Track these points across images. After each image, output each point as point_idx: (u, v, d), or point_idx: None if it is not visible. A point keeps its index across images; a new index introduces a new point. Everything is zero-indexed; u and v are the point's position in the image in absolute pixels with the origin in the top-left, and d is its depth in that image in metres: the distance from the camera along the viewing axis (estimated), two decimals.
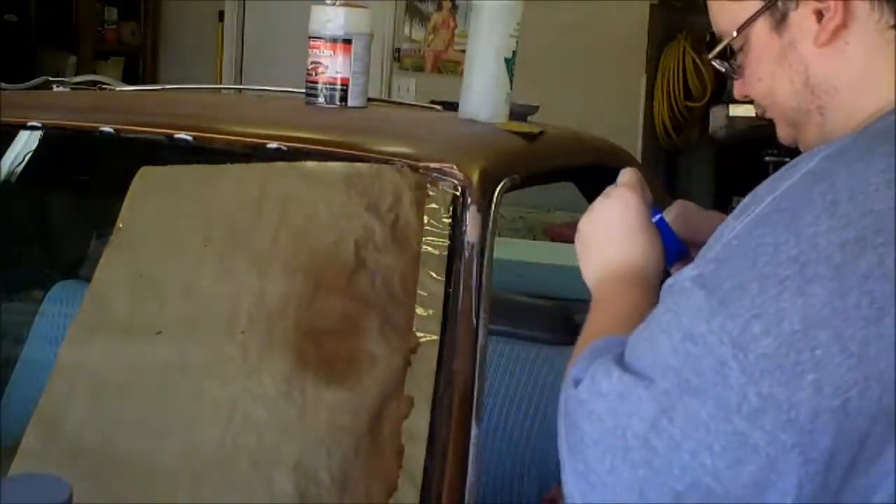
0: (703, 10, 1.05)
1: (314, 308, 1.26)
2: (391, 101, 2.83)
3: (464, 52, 2.24)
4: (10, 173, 1.82)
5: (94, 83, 2.18)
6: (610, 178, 1.13)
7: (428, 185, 1.37)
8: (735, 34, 0.97)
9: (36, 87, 2.20)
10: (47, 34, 5.28)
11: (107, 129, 1.56)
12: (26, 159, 1.80)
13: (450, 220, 1.34)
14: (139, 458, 1.18)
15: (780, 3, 0.94)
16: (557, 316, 2.05)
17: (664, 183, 4.74)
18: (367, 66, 1.79)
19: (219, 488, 1.14)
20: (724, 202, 4.16)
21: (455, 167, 1.37)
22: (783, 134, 1.02)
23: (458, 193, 1.36)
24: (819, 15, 0.92)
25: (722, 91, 4.38)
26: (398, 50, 5.10)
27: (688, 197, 1.28)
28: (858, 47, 0.92)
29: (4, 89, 2.08)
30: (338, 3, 1.76)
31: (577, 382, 0.87)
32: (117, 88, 2.27)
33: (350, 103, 1.77)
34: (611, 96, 4.50)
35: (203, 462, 1.16)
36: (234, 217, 1.37)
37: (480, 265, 1.32)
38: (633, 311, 0.95)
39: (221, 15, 5.59)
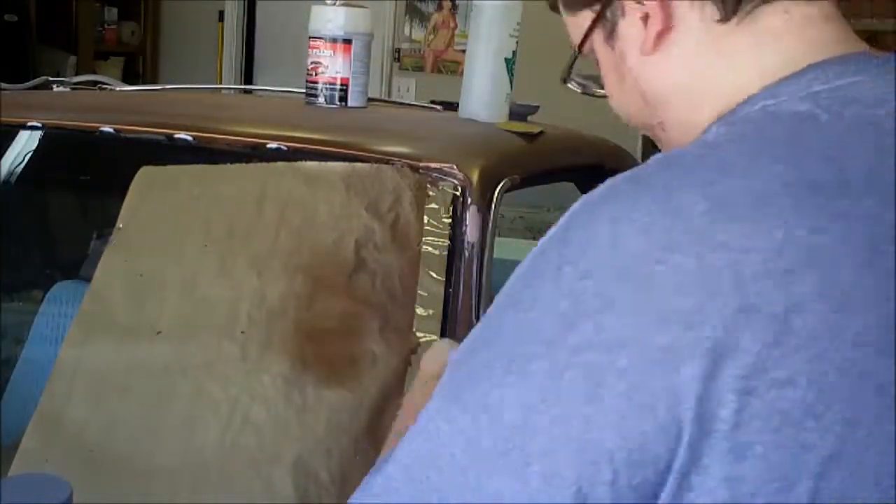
0: None
1: (314, 308, 1.26)
2: (391, 101, 2.83)
3: (464, 52, 2.24)
4: (10, 173, 1.81)
5: (94, 83, 2.19)
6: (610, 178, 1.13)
7: (428, 185, 1.37)
8: (576, 50, 0.90)
9: (36, 87, 2.21)
10: (47, 34, 5.28)
11: (107, 129, 1.56)
12: (26, 159, 1.80)
13: (450, 220, 1.34)
14: (139, 458, 1.18)
15: (608, 13, 0.84)
16: None
17: None
18: (367, 66, 1.79)
19: (219, 488, 1.14)
20: None
21: (455, 167, 1.37)
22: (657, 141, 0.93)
23: (458, 193, 1.36)
24: (646, 20, 0.81)
25: None
26: (398, 50, 5.10)
27: None
28: (686, 51, 0.81)
29: (4, 89, 2.08)
30: (338, 3, 1.76)
31: None
32: (117, 88, 2.28)
33: (350, 103, 1.77)
34: None
35: (203, 462, 1.16)
36: (234, 217, 1.37)
37: (480, 265, 1.32)
38: None
39: (221, 15, 5.59)
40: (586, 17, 0.87)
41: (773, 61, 0.78)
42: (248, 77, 5.62)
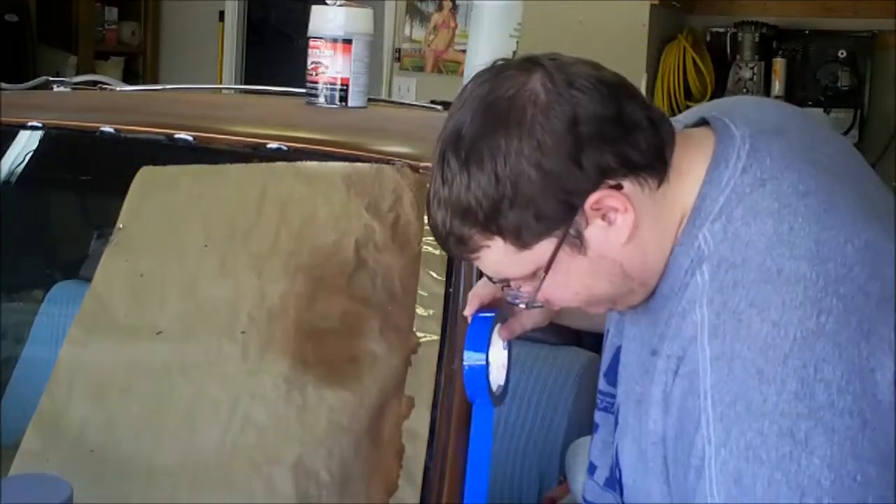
0: (703, 10, 1.03)
1: (314, 308, 1.26)
2: (391, 101, 2.83)
3: (464, 52, 2.24)
4: (10, 173, 1.81)
5: (94, 83, 2.18)
6: None
7: (428, 185, 1.37)
8: (544, 275, 0.96)
9: (36, 87, 2.21)
10: (47, 34, 5.28)
11: (107, 129, 1.56)
12: (26, 159, 1.80)
13: None
14: (139, 458, 1.18)
15: (572, 231, 0.93)
16: None
17: None
18: (367, 66, 1.79)
19: (219, 488, 1.14)
20: None
21: None
22: (596, 310, 1.04)
23: None
24: (604, 217, 0.93)
25: (722, 91, 4.38)
26: (398, 50, 5.10)
27: None
28: (649, 222, 0.95)
29: (4, 89, 2.08)
30: (338, 3, 1.76)
31: None
32: (117, 88, 2.28)
33: (350, 103, 1.77)
34: None
35: (203, 462, 1.16)
36: (234, 217, 1.37)
37: None
38: None
39: (221, 15, 5.59)
40: (544, 246, 0.94)
41: (691, 182, 0.96)
42: (247, 77, 5.61)
